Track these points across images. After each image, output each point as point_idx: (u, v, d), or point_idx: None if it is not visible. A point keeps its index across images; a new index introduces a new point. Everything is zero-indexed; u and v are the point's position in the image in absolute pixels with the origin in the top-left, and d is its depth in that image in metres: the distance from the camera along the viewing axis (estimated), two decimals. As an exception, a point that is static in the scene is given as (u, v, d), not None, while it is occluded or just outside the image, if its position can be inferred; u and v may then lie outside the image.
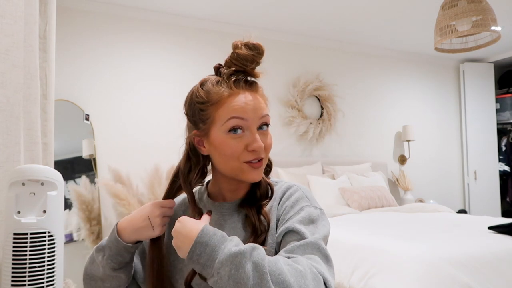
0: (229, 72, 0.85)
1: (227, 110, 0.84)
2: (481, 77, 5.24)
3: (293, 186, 0.91)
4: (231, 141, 0.84)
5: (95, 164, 3.31)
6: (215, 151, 0.87)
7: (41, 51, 1.72)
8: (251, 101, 0.85)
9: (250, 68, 0.85)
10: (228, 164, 0.86)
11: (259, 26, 4.06)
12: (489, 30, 2.50)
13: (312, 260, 0.74)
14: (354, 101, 4.71)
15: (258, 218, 0.86)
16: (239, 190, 0.93)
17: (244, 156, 0.85)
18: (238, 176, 0.87)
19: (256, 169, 0.86)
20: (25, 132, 1.50)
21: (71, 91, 3.29)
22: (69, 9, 3.33)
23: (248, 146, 0.84)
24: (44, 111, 1.70)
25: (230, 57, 0.86)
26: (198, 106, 0.87)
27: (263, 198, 0.90)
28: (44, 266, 1.01)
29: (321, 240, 0.79)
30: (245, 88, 0.86)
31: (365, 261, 2.20)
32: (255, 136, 0.84)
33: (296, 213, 0.84)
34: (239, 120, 0.83)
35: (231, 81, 0.85)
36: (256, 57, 0.84)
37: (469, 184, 5.19)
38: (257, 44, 0.84)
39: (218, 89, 0.85)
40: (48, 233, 1.03)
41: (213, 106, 0.85)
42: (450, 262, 1.97)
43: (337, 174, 4.07)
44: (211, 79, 0.88)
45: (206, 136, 0.88)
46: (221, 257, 0.69)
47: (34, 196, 1.05)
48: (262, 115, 0.86)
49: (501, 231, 2.43)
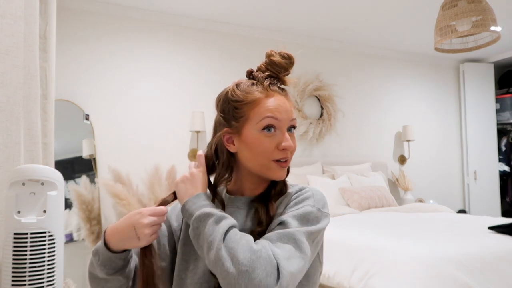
0: (263, 76, 0.92)
1: (263, 110, 0.90)
2: (481, 77, 5.24)
3: (306, 188, 0.95)
4: (264, 138, 0.90)
5: (95, 164, 3.31)
6: (246, 148, 0.92)
7: (41, 51, 1.72)
8: (285, 104, 0.92)
9: (282, 75, 0.93)
10: (258, 161, 0.91)
11: (259, 26, 4.06)
12: (489, 30, 2.50)
13: (280, 248, 0.78)
14: (354, 101, 4.70)
15: (265, 212, 0.91)
16: (258, 188, 0.98)
17: (274, 154, 0.90)
18: (265, 174, 0.92)
19: (283, 168, 0.92)
20: (25, 132, 1.50)
21: (71, 91, 3.29)
22: (69, 9, 3.33)
23: (279, 145, 0.90)
24: (44, 111, 1.70)
25: (265, 63, 0.93)
26: (233, 104, 0.92)
27: (276, 196, 0.95)
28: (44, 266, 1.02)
29: (301, 232, 0.82)
30: (278, 92, 0.93)
31: (365, 261, 2.21)
32: (286, 135, 0.91)
33: (295, 210, 0.87)
34: (273, 120, 0.89)
35: (267, 84, 0.92)
36: (288, 65, 0.92)
37: (469, 184, 5.18)
38: (290, 54, 0.92)
39: (254, 90, 0.91)
40: (48, 233, 1.05)
41: (248, 105, 0.91)
42: (450, 262, 1.97)
43: (337, 174, 4.07)
44: (246, 81, 0.94)
45: (237, 134, 0.93)
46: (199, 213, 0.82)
47: (34, 196, 1.06)
48: (292, 118, 0.93)
49: (501, 231, 2.44)
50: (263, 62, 0.94)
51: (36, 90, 1.57)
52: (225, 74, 3.91)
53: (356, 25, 4.12)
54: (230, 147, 0.95)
